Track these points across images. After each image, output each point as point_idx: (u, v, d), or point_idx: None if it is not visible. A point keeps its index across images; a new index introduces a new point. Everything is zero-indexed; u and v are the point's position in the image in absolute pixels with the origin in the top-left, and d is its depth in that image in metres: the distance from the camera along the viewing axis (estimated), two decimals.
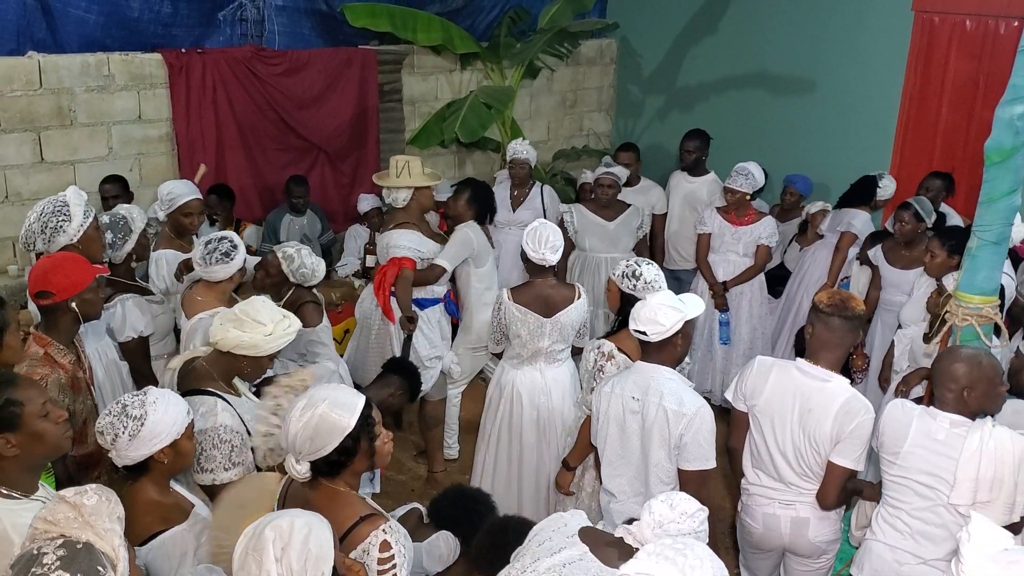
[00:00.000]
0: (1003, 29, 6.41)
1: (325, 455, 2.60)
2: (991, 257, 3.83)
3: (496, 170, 7.98)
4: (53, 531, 2.07)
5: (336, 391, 2.69)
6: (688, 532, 2.64)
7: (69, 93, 6.09)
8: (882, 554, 3.45)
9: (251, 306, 3.45)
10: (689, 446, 3.53)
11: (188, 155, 6.63)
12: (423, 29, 7.22)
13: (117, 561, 2.08)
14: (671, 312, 3.53)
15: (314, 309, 4.54)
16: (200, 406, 3.27)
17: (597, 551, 2.73)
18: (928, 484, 3.32)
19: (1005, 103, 3.65)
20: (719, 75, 8.30)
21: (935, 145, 6.96)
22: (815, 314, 3.56)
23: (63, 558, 1.98)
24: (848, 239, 6.29)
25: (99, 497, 2.15)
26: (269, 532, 2.17)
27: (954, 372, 3.30)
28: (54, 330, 3.51)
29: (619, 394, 3.67)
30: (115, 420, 2.73)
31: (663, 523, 2.67)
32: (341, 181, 7.56)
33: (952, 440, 3.27)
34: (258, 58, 6.80)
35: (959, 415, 3.30)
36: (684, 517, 2.68)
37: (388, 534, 2.59)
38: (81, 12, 6.09)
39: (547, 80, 8.83)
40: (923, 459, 3.32)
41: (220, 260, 4.19)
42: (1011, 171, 3.70)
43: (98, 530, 2.09)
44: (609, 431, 3.72)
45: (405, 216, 5.42)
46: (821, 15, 7.44)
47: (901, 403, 3.53)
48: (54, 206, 3.96)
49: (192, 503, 2.94)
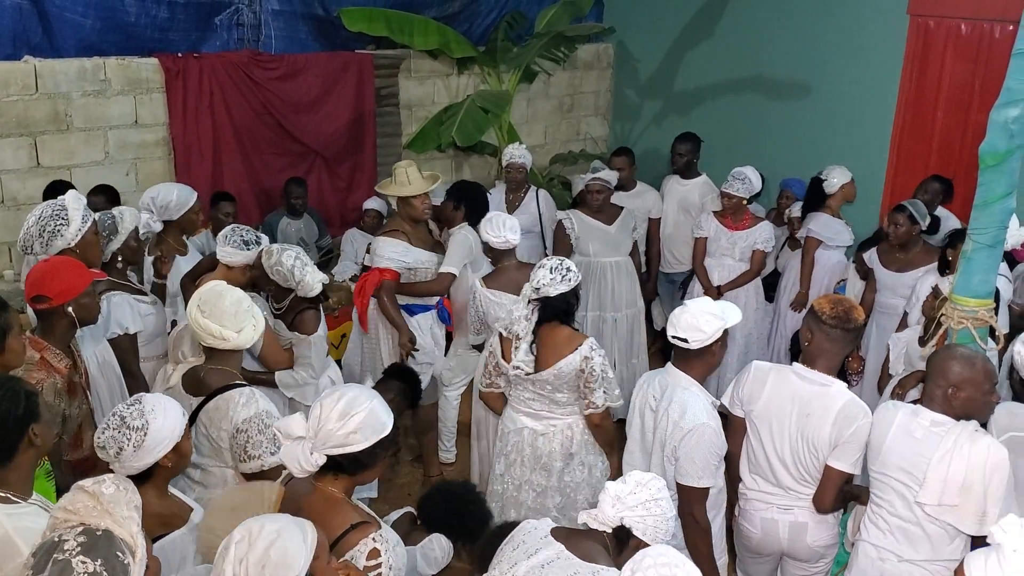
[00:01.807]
0: (998, 33, 6.41)
1: (354, 452, 2.60)
2: (986, 260, 3.83)
3: (494, 174, 7.98)
4: (73, 519, 2.12)
5: (377, 395, 2.73)
6: (646, 500, 2.78)
7: (65, 98, 6.10)
8: (868, 553, 3.46)
9: (216, 307, 3.45)
10: (681, 460, 3.52)
11: (185, 160, 6.63)
12: (420, 33, 7.23)
13: (135, 547, 2.13)
14: (713, 320, 3.52)
15: (312, 316, 4.45)
16: (238, 397, 3.33)
17: (572, 547, 2.76)
18: (904, 482, 3.33)
19: (999, 106, 3.65)
20: (716, 79, 8.30)
21: (931, 149, 6.96)
22: (816, 323, 3.54)
23: (83, 544, 2.03)
24: (811, 243, 6.34)
25: (117, 486, 2.20)
26: (238, 533, 2.18)
27: (945, 369, 3.31)
28: (50, 334, 3.52)
29: (645, 390, 3.75)
30: (116, 434, 2.71)
31: (620, 497, 2.80)
32: (338, 185, 7.56)
33: (929, 438, 3.28)
34: (255, 62, 6.81)
35: (942, 415, 3.31)
36: (639, 487, 2.81)
37: (378, 542, 2.59)
38: (77, 17, 6.10)
39: (544, 84, 8.84)
40: (900, 456, 3.34)
41: (239, 245, 4.34)
42: (1006, 174, 3.70)
43: (117, 518, 2.13)
44: (633, 420, 3.81)
45: (394, 224, 5.44)
46: (817, 19, 7.45)
47: (892, 403, 3.54)
48: (52, 210, 3.96)
49: (191, 507, 2.94)
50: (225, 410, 3.33)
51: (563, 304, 4.05)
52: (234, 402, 3.31)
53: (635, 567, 2.37)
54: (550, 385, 4.08)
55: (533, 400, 4.17)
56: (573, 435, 4.19)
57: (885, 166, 7.18)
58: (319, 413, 2.61)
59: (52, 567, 1.99)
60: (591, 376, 3.98)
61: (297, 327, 4.41)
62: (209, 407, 3.37)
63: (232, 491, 2.87)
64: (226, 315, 3.41)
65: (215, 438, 3.35)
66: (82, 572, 1.99)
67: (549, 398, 4.12)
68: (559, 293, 4.00)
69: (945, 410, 3.31)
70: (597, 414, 4.05)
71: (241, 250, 4.35)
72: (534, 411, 4.19)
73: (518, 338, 4.08)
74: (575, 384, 4.05)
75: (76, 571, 1.99)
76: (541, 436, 4.19)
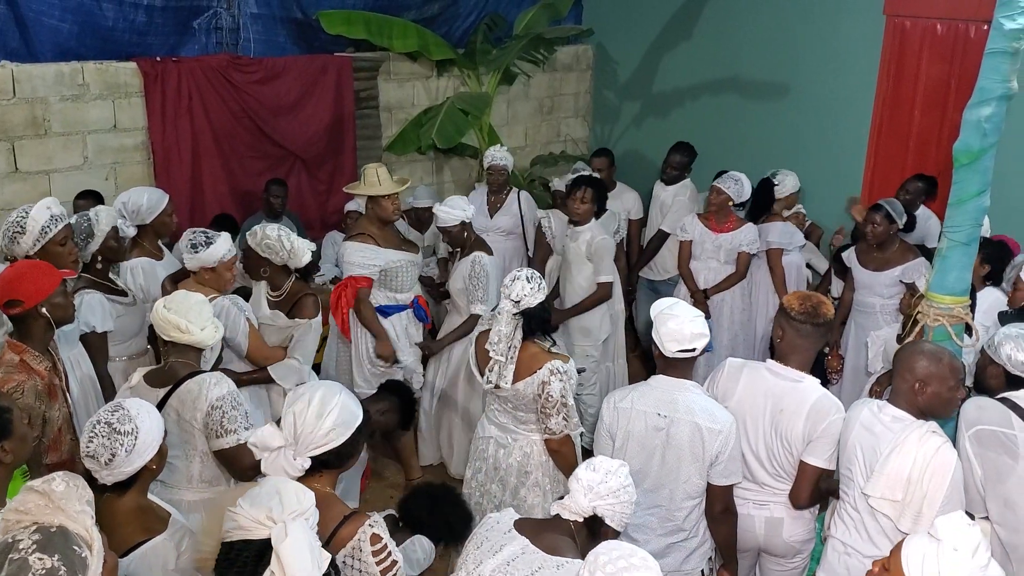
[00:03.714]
0: (973, 33, 6.47)
1: (336, 447, 2.66)
2: (961, 258, 3.87)
3: (474, 176, 7.99)
4: (25, 519, 2.10)
5: (344, 390, 2.80)
6: (617, 488, 2.82)
7: (43, 102, 6.06)
8: (835, 547, 3.49)
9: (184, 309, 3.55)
10: (724, 462, 3.48)
11: (164, 164, 6.60)
12: (399, 36, 7.23)
13: (92, 541, 2.11)
14: (701, 319, 3.55)
15: (313, 302, 4.57)
16: (209, 379, 3.42)
17: (537, 541, 2.78)
18: (863, 476, 3.36)
19: (972, 105, 3.69)
20: (695, 81, 8.35)
21: (908, 148, 7.01)
22: (786, 320, 3.57)
23: (39, 541, 2.01)
24: (775, 254, 6.37)
25: (67, 483, 2.17)
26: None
27: (912, 364, 3.33)
28: (28, 337, 3.53)
29: (641, 411, 3.56)
30: (107, 441, 2.68)
31: (593, 486, 2.83)
32: (318, 188, 7.55)
33: (886, 434, 3.31)
34: (233, 66, 6.78)
35: (904, 411, 3.33)
36: (609, 475, 2.84)
37: (376, 527, 2.63)
38: (55, 21, 6.06)
39: (524, 86, 8.86)
40: (861, 450, 3.37)
41: (187, 249, 4.41)
42: (980, 172, 3.74)
43: (70, 513, 2.11)
44: (629, 448, 3.59)
45: (359, 227, 5.44)
46: (795, 21, 7.50)
47: (863, 400, 3.57)
48: (17, 218, 4.02)
49: (169, 512, 2.93)
50: (198, 391, 3.40)
51: (543, 313, 3.95)
52: (206, 383, 3.40)
53: (592, 568, 2.36)
54: (510, 402, 4.00)
55: (499, 412, 4.10)
56: (531, 453, 4.04)
57: (863, 165, 7.24)
58: (293, 420, 2.65)
59: (9, 567, 1.96)
60: (548, 401, 3.82)
61: (297, 313, 4.52)
62: (181, 391, 3.42)
63: (232, 495, 2.86)
64: (191, 311, 3.52)
65: (188, 419, 3.40)
66: (40, 569, 1.97)
67: (512, 414, 4.05)
68: (538, 303, 3.90)
69: (910, 406, 3.33)
70: (554, 440, 3.87)
71: (190, 254, 4.39)
72: (500, 423, 4.11)
73: (504, 357, 3.92)
74: (534, 406, 3.92)
75: (33, 568, 1.96)
76: (502, 448, 4.10)
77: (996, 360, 3.67)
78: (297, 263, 4.54)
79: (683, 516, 3.57)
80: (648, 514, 3.59)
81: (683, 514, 3.57)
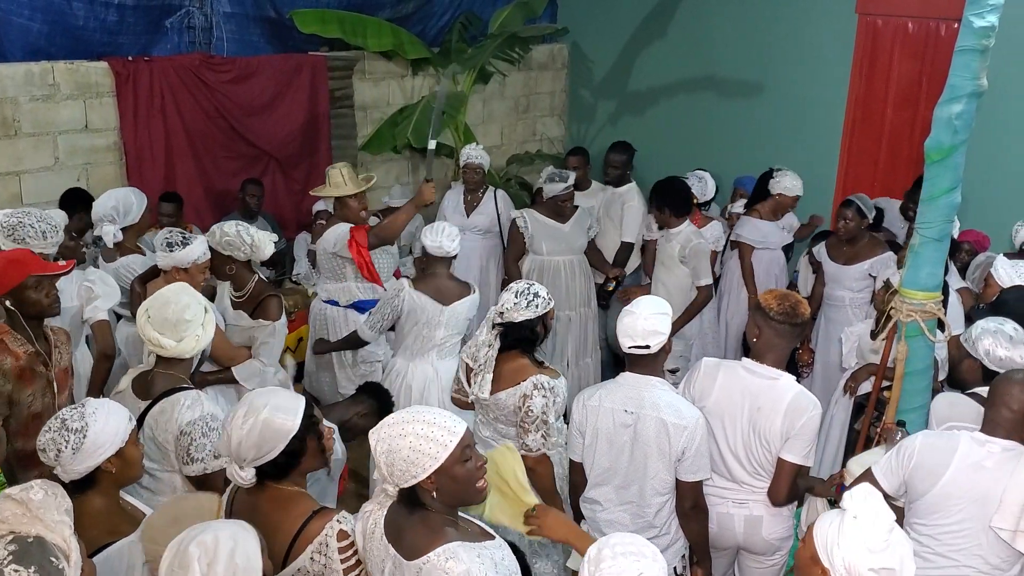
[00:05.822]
0: (944, 31, 6.54)
1: (272, 458, 2.61)
2: (933, 254, 3.89)
3: (451, 175, 7.97)
4: (2, 528, 2.07)
5: (275, 395, 2.71)
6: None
7: (13, 102, 5.99)
8: None
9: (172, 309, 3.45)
10: (692, 458, 3.46)
11: (136, 164, 6.55)
12: (373, 35, 7.21)
13: (69, 552, 2.09)
14: (664, 318, 3.49)
15: (276, 304, 4.52)
16: (183, 400, 3.31)
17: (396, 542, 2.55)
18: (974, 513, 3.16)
19: (943, 103, 3.71)
20: (669, 79, 8.38)
21: (881, 146, 7.08)
22: (764, 319, 3.57)
23: (15, 552, 1.99)
24: (744, 248, 6.38)
25: (45, 492, 2.15)
26: (193, 549, 2.11)
27: (1014, 393, 3.15)
28: (14, 322, 3.59)
29: (609, 408, 3.54)
30: (56, 436, 2.67)
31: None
32: (292, 188, 7.51)
33: (1003, 466, 3.12)
34: (206, 65, 6.74)
35: (1013, 441, 3.15)
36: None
37: (344, 523, 2.60)
38: (24, 20, 5.98)
39: (499, 85, 8.85)
40: (969, 486, 3.15)
41: (163, 247, 4.40)
42: (951, 169, 3.76)
43: (47, 523, 2.09)
44: (598, 446, 3.57)
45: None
46: (769, 19, 7.54)
47: (944, 435, 3.33)
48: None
49: (144, 514, 2.90)
50: (170, 412, 3.31)
51: (527, 332, 3.80)
52: (179, 404, 3.30)
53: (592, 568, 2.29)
54: (492, 413, 3.94)
55: (483, 425, 4.05)
56: None
57: (836, 162, 7.29)
58: (227, 438, 2.62)
59: None
60: (527, 416, 3.71)
61: (261, 314, 4.48)
62: (155, 410, 3.35)
63: (173, 501, 2.83)
64: (167, 323, 3.38)
65: (161, 441, 3.32)
66: None
67: (493, 426, 3.99)
68: (524, 319, 3.75)
69: (1018, 435, 3.16)
70: (531, 457, 3.67)
71: (165, 252, 4.38)
72: (482, 438, 4.02)
73: (479, 365, 3.86)
74: (514, 420, 3.82)
75: None
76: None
77: (973, 355, 3.69)
78: (261, 256, 4.51)
79: (653, 512, 3.56)
80: (621, 511, 3.60)
81: (653, 511, 3.55)
